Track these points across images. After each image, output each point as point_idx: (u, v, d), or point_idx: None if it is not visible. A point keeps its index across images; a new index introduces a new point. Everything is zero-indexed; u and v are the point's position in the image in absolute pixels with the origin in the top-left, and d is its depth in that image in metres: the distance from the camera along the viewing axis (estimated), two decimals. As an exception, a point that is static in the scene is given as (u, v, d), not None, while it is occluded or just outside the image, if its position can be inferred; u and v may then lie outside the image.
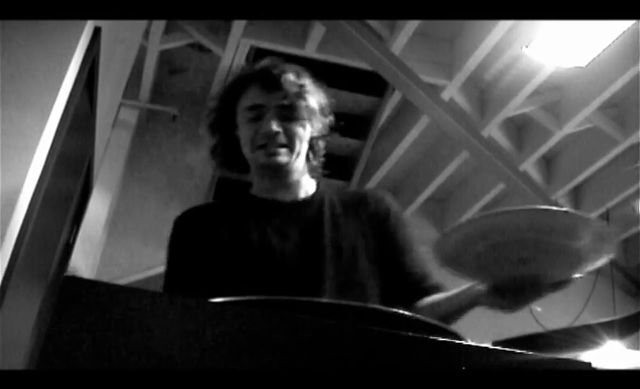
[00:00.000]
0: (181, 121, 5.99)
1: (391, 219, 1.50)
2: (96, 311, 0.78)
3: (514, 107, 5.11)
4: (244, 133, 1.48)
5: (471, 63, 4.69)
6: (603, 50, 4.27)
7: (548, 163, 6.14)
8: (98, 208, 4.86)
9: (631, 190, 5.85)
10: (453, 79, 4.88)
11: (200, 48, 5.30)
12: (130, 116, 5.65)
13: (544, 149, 5.59)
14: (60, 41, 2.57)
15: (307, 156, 1.53)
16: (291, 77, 1.48)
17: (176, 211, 1.53)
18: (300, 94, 1.47)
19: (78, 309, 0.78)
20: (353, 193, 1.60)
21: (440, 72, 4.90)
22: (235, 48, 4.89)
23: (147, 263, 5.60)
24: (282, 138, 1.44)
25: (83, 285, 0.79)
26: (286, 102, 1.45)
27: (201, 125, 5.94)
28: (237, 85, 1.52)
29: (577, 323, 5.73)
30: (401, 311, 0.95)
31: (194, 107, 5.97)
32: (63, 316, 0.77)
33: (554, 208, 1.03)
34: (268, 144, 1.44)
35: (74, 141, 3.02)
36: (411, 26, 4.42)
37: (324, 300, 0.90)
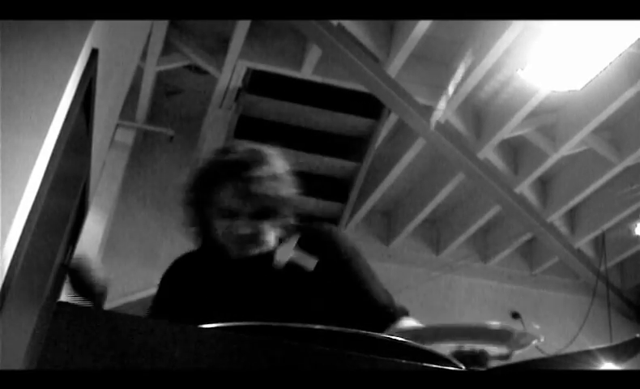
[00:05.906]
0: (178, 142, 5.99)
1: (341, 253, 1.55)
2: (88, 336, 0.78)
3: (510, 129, 5.13)
4: (219, 224, 1.55)
5: (467, 86, 4.71)
6: (599, 74, 4.30)
7: (543, 185, 6.15)
8: (94, 229, 4.84)
9: (627, 213, 5.86)
10: (449, 102, 4.89)
11: (197, 69, 5.32)
12: (127, 137, 5.65)
13: (539, 171, 5.60)
14: (57, 62, 2.57)
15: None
16: (259, 180, 1.51)
17: (172, 232, 1.58)
18: (272, 189, 1.51)
19: (70, 335, 0.77)
20: (304, 234, 1.60)
21: (436, 94, 4.92)
22: (232, 69, 4.91)
23: (142, 284, 5.57)
24: (254, 238, 1.52)
25: (75, 311, 0.79)
26: (255, 209, 1.51)
27: (197, 146, 5.96)
28: (212, 180, 1.56)
29: (573, 345, 5.72)
30: (396, 337, 0.95)
31: (191, 128, 5.98)
32: (55, 342, 0.77)
33: None
34: (241, 244, 1.53)
35: (71, 162, 3.02)
36: (407, 48, 4.43)
37: (317, 326, 0.89)
